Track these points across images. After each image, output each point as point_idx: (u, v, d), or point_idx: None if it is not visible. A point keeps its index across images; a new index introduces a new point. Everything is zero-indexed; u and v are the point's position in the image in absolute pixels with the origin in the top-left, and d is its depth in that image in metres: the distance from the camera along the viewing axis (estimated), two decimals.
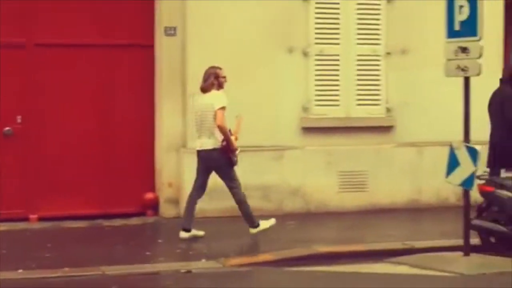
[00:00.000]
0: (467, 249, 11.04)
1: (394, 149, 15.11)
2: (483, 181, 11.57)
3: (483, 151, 11.72)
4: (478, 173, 11.15)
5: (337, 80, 14.76)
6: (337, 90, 14.76)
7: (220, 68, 12.29)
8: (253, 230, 12.28)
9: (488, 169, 12.02)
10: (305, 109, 14.67)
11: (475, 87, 11.29)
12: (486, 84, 13.32)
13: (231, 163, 12.22)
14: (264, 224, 12.31)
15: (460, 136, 11.14)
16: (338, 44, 14.81)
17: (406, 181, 15.01)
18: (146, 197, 14.13)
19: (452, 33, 11.14)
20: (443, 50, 11.25)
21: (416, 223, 13.98)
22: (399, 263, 11.05)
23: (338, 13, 14.77)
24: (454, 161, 11.09)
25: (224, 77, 12.25)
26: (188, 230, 12.09)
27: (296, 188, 14.55)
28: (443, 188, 13.99)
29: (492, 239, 11.73)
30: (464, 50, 10.97)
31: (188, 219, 12.24)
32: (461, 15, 10.97)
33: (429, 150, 14.58)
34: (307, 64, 14.52)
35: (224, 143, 11.99)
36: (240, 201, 12.25)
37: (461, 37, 11.02)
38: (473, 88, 11.14)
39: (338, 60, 14.80)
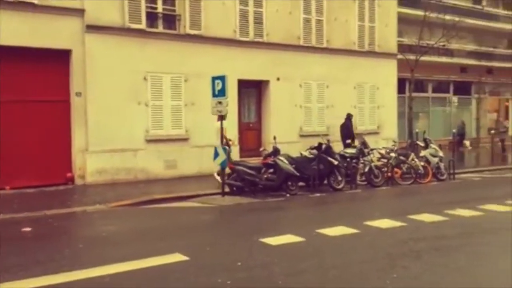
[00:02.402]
0: (223, 193, 11.30)
1: (189, 149, 15.04)
2: (231, 163, 11.84)
3: (233, 149, 11.95)
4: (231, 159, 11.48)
5: (161, 118, 14.55)
6: (161, 122, 14.56)
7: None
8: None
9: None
10: (147, 131, 14.40)
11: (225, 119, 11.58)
12: (230, 118, 13.67)
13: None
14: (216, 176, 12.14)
15: (218, 142, 11.39)
16: (162, 100, 14.61)
17: (196, 162, 14.99)
18: (68, 175, 13.33)
19: (214, 95, 11.39)
20: (211, 103, 11.48)
21: (201, 183, 13.80)
22: (194, 201, 11.08)
23: (161, 85, 14.57)
24: (217, 153, 11.36)
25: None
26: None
27: (143, 168, 14.26)
28: (213, 166, 14.02)
29: (235, 189, 11.92)
30: (220, 103, 11.23)
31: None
32: (218, 87, 11.25)
33: (206, 149, 14.59)
34: (147, 110, 14.27)
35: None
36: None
37: (218, 97, 11.29)
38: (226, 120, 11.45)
39: (161, 108, 14.60)
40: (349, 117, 17.06)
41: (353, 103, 18.79)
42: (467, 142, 25.60)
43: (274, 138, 12.56)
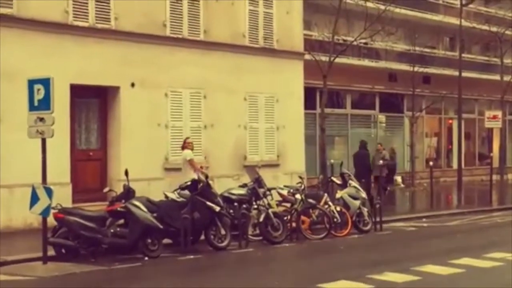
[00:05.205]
0: (45, 259, 10.97)
1: None
2: (56, 210, 11.47)
3: (56, 190, 11.60)
4: (54, 204, 11.15)
5: None
6: None
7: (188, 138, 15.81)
8: None
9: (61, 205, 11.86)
10: None
11: (50, 145, 11.28)
12: (57, 142, 13.30)
13: None
14: None
15: (40, 179, 11.04)
16: None
17: (2, 211, 14.21)
18: None
19: (33, 107, 11.14)
20: (27, 120, 11.17)
21: (10, 243, 12.96)
22: None
23: None
24: (35, 197, 11.03)
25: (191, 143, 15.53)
26: None
27: None
28: (29, 216, 13.46)
29: (64, 251, 11.61)
30: (42, 120, 11.00)
31: None
32: (39, 95, 11.01)
33: (18, 190, 13.95)
34: None
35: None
36: None
37: (39, 111, 11.06)
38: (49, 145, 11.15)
39: None
40: (364, 145, 19.17)
41: (242, 121, 19.17)
42: (398, 178, 27.21)
43: (126, 173, 12.39)
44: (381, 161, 21.41)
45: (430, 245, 13.44)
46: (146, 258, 11.57)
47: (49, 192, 10.87)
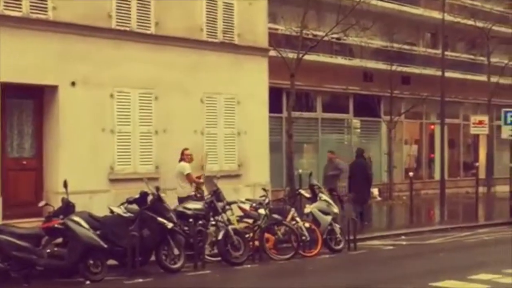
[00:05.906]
0: None
1: None
2: None
3: None
4: None
5: None
6: None
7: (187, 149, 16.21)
8: None
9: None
10: None
11: None
12: None
13: None
14: None
15: None
16: None
17: None
18: None
19: None
20: None
21: None
22: None
23: None
24: None
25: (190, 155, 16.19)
26: None
27: None
28: None
29: None
30: None
31: None
32: None
33: None
34: None
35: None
36: None
37: None
38: None
39: None
40: (361, 153, 19.97)
41: (198, 126, 19.09)
42: (374, 191, 27.32)
43: (65, 184, 12.29)
44: (335, 171, 20.43)
45: (410, 266, 13.53)
46: (88, 282, 11.48)
47: None
